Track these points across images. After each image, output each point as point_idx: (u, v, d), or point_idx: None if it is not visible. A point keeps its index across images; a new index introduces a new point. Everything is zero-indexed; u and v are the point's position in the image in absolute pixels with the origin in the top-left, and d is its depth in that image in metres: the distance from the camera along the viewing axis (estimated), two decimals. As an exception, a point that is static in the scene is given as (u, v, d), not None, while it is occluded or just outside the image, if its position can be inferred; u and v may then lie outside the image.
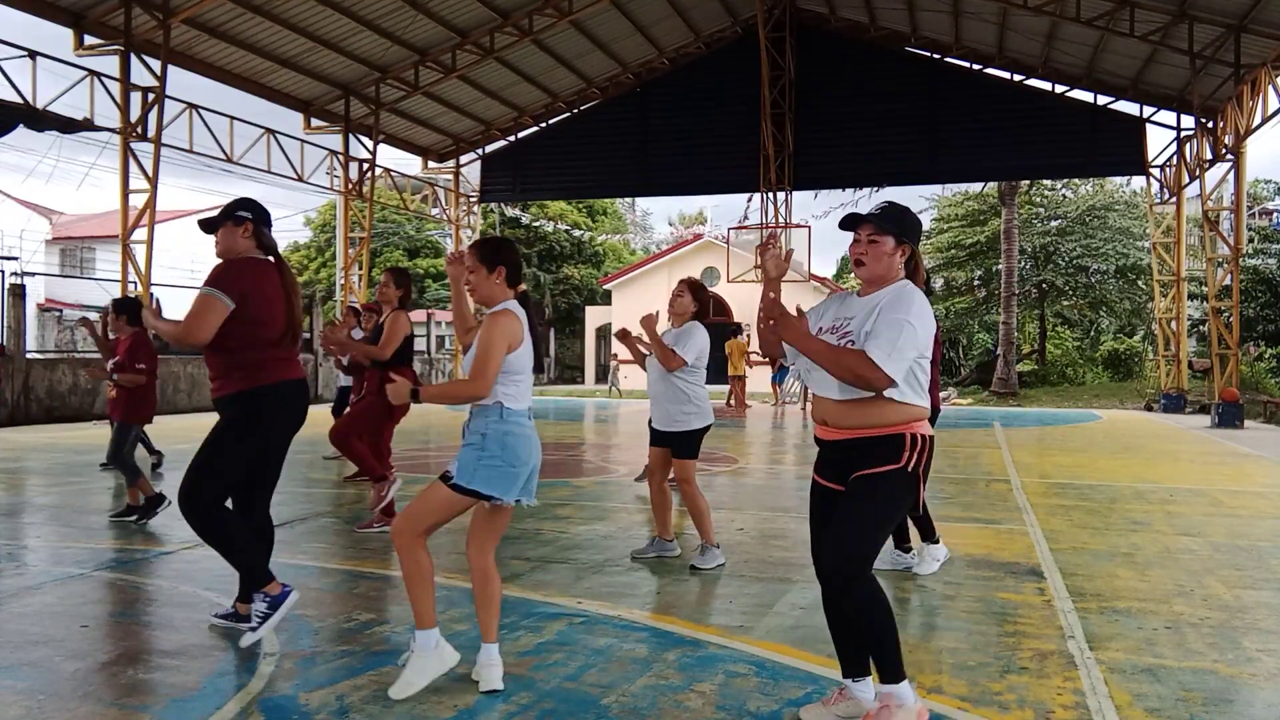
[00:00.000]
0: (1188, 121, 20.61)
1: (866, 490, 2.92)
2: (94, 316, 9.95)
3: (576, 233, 38.81)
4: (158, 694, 3.34)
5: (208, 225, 3.99)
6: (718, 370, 33.17)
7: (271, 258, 3.99)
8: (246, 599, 4.03)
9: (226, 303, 3.72)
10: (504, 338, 3.32)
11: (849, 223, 3.04)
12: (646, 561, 5.43)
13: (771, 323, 3.01)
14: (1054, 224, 31.68)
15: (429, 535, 3.41)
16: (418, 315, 35.06)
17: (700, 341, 5.35)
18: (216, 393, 3.89)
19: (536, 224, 36.17)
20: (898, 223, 2.98)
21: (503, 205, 33.61)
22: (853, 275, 3.22)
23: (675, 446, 5.38)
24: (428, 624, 3.35)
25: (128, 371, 6.66)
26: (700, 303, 5.49)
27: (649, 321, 5.31)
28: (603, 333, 35.99)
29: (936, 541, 5.33)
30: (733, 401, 21.58)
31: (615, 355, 30.78)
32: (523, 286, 3.53)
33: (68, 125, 15.57)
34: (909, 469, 2.90)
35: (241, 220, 3.91)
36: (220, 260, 3.89)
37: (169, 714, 3.16)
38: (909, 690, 2.92)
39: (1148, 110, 22.26)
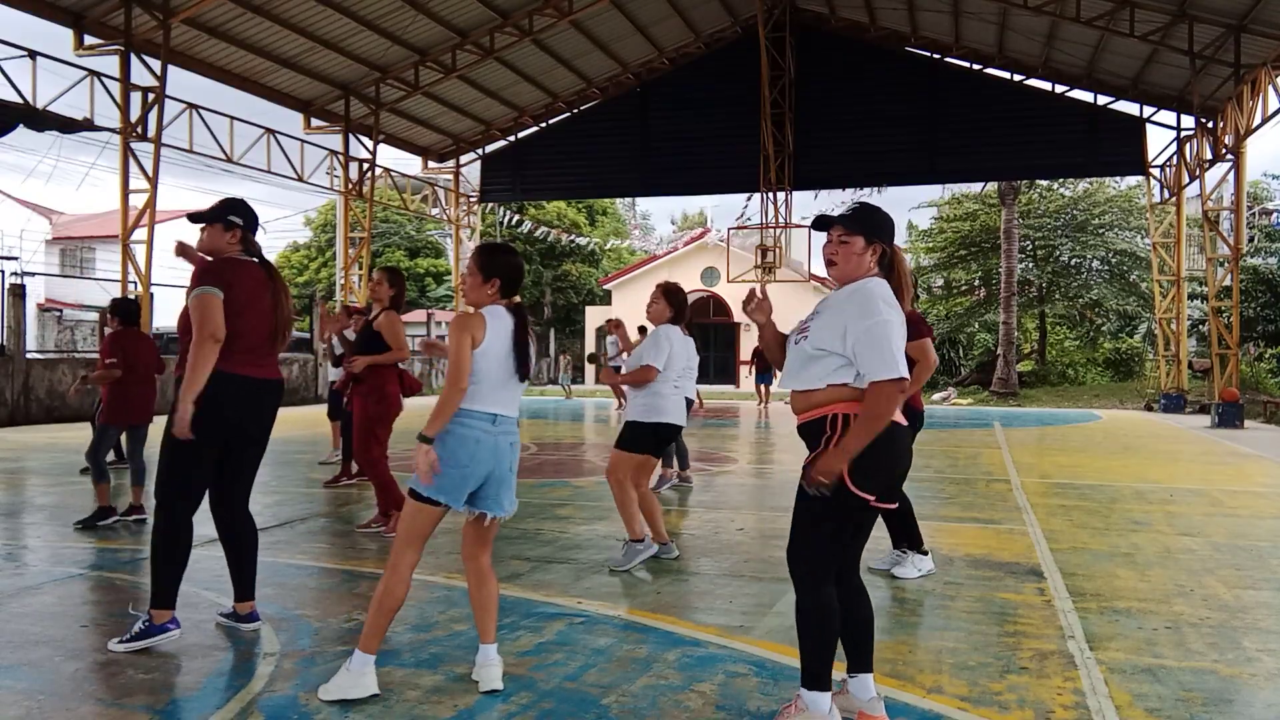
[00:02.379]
0: (1188, 121, 20.61)
1: (799, 491, 2.97)
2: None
3: (567, 238, 38.97)
4: (158, 694, 3.34)
5: (197, 218, 3.98)
6: (717, 370, 33.37)
7: (255, 259, 3.99)
8: (243, 597, 4.04)
9: (217, 293, 3.75)
10: (466, 336, 3.27)
11: (820, 224, 3.12)
12: (645, 562, 5.43)
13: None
14: (1053, 221, 31.65)
15: (421, 546, 3.33)
16: (418, 315, 35.08)
17: (664, 347, 5.34)
18: (177, 375, 3.88)
19: (537, 234, 36.34)
20: (866, 222, 3.03)
21: (504, 222, 33.78)
22: None
23: (620, 437, 5.43)
24: (368, 649, 3.28)
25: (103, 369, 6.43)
26: (675, 307, 5.51)
27: (607, 376, 5.35)
28: (602, 333, 36.07)
29: (925, 553, 5.25)
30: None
31: (565, 354, 30.89)
32: (517, 299, 3.49)
33: (68, 125, 15.57)
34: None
35: (231, 226, 3.92)
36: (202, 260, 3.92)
37: (169, 714, 3.16)
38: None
39: (1148, 110, 22.27)
